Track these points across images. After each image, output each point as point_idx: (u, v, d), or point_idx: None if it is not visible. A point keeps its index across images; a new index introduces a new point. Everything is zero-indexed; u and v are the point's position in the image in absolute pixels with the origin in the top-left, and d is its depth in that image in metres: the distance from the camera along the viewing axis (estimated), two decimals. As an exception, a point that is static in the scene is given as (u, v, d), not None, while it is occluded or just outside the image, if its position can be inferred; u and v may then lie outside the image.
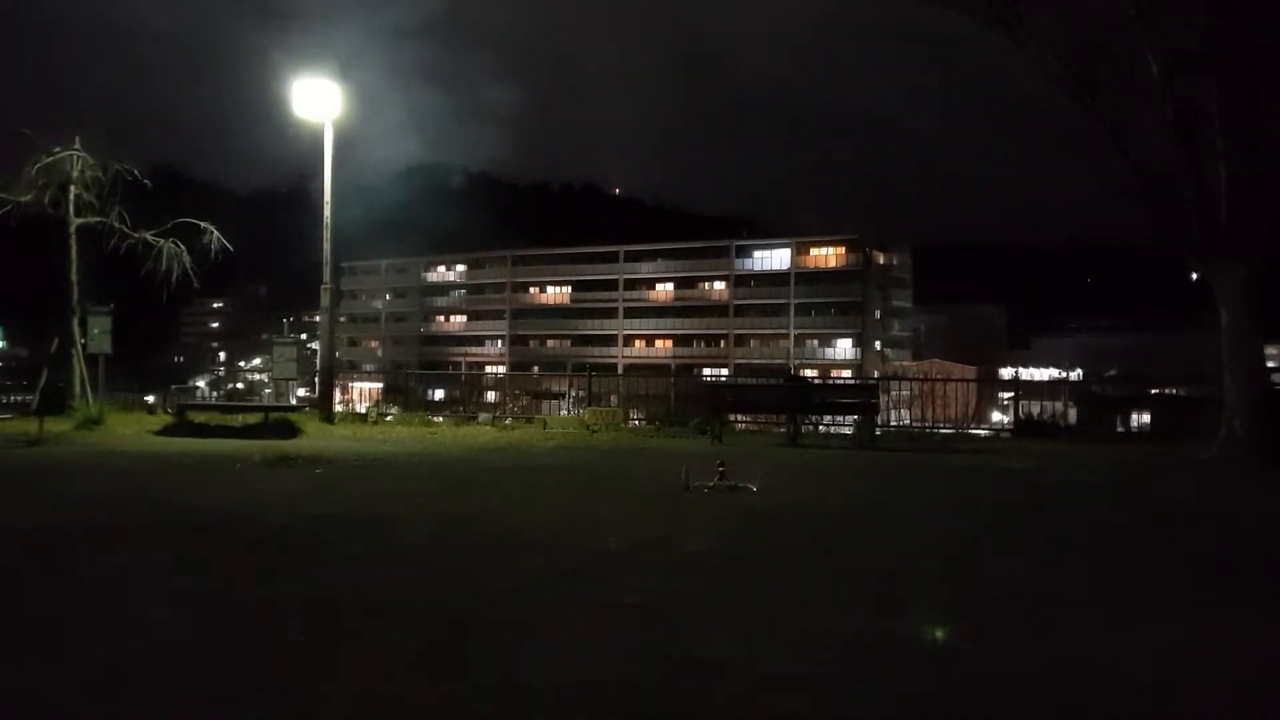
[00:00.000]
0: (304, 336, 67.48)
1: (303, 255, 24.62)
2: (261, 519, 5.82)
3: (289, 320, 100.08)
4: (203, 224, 16.16)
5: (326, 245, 16.22)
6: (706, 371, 67.15)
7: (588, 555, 4.75)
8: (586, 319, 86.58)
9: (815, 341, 77.64)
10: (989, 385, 28.98)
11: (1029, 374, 61.15)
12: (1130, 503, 6.96)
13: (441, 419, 17.71)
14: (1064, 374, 55.90)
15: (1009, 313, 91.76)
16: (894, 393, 18.55)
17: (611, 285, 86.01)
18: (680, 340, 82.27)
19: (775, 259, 79.87)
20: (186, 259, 15.84)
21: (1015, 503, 7.00)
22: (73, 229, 14.82)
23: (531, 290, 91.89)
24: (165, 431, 12.79)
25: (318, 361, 19.06)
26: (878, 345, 76.21)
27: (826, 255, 78.35)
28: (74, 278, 14.81)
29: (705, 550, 4.90)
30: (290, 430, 12.87)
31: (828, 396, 15.61)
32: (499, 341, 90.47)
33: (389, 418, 16.72)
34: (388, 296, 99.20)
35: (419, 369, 52.08)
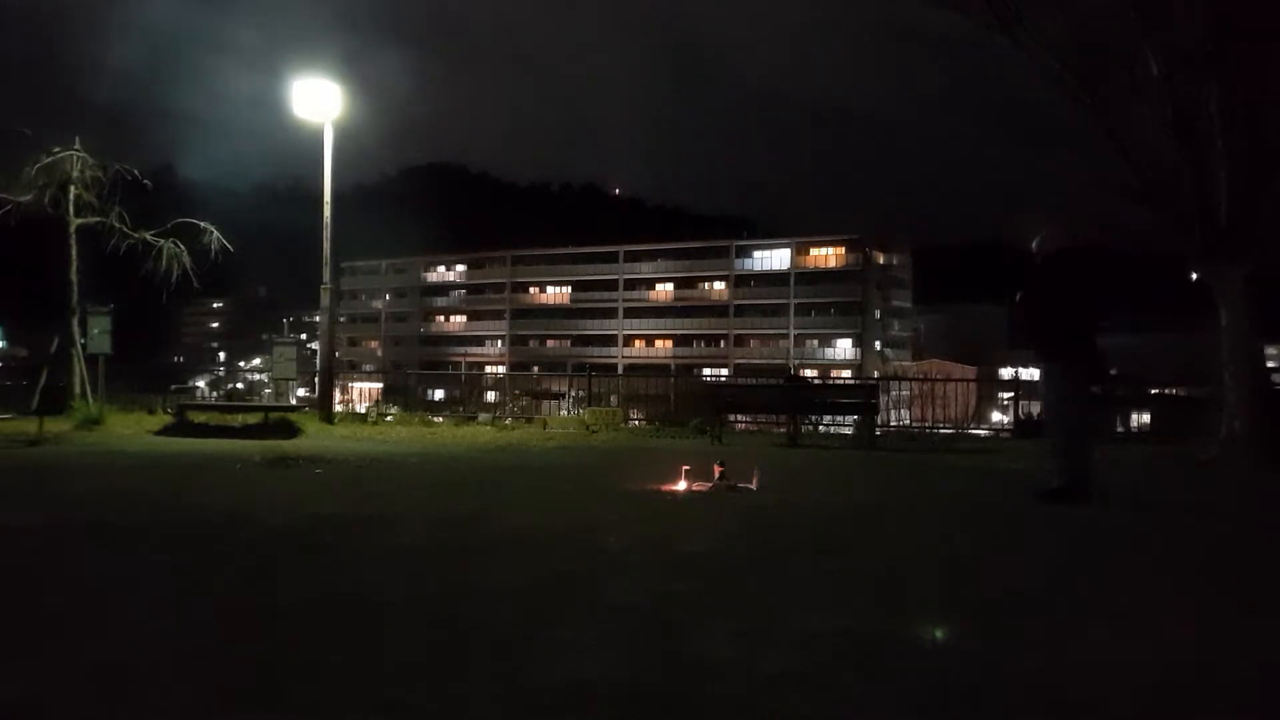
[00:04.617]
0: (304, 336, 67.55)
1: (302, 255, 24.64)
2: (261, 519, 5.82)
3: (289, 320, 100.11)
4: (203, 224, 16.18)
5: (326, 245, 16.23)
6: (706, 371, 67.22)
7: (587, 555, 4.75)
8: (586, 319, 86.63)
9: (815, 341, 77.72)
10: (989, 385, 28.98)
11: (1029, 374, 61.08)
12: (1130, 503, 6.97)
13: (441, 419, 17.73)
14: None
15: (1009, 312, 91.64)
16: (894, 393, 18.59)
17: (611, 285, 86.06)
18: (680, 340, 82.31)
19: (775, 259, 79.95)
20: (186, 259, 15.86)
21: (1015, 502, 7.00)
22: (73, 229, 14.82)
23: (531, 290, 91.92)
24: (165, 431, 12.80)
25: (318, 361, 19.07)
26: (878, 345, 76.26)
27: (826, 255, 78.44)
28: (74, 278, 14.82)
29: (705, 550, 4.90)
30: (290, 430, 12.88)
31: (828, 396, 15.62)
32: (499, 342, 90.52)
33: (389, 418, 16.73)
34: (387, 296, 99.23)
35: (419, 369, 52.12)
